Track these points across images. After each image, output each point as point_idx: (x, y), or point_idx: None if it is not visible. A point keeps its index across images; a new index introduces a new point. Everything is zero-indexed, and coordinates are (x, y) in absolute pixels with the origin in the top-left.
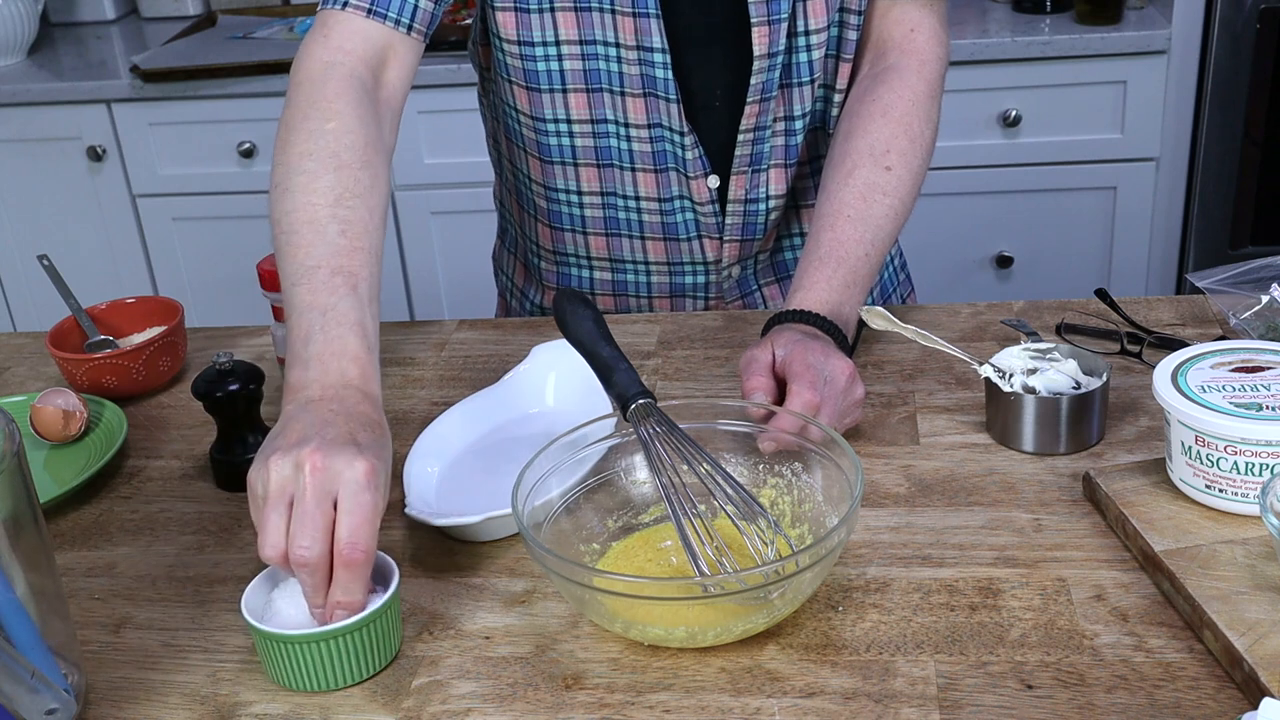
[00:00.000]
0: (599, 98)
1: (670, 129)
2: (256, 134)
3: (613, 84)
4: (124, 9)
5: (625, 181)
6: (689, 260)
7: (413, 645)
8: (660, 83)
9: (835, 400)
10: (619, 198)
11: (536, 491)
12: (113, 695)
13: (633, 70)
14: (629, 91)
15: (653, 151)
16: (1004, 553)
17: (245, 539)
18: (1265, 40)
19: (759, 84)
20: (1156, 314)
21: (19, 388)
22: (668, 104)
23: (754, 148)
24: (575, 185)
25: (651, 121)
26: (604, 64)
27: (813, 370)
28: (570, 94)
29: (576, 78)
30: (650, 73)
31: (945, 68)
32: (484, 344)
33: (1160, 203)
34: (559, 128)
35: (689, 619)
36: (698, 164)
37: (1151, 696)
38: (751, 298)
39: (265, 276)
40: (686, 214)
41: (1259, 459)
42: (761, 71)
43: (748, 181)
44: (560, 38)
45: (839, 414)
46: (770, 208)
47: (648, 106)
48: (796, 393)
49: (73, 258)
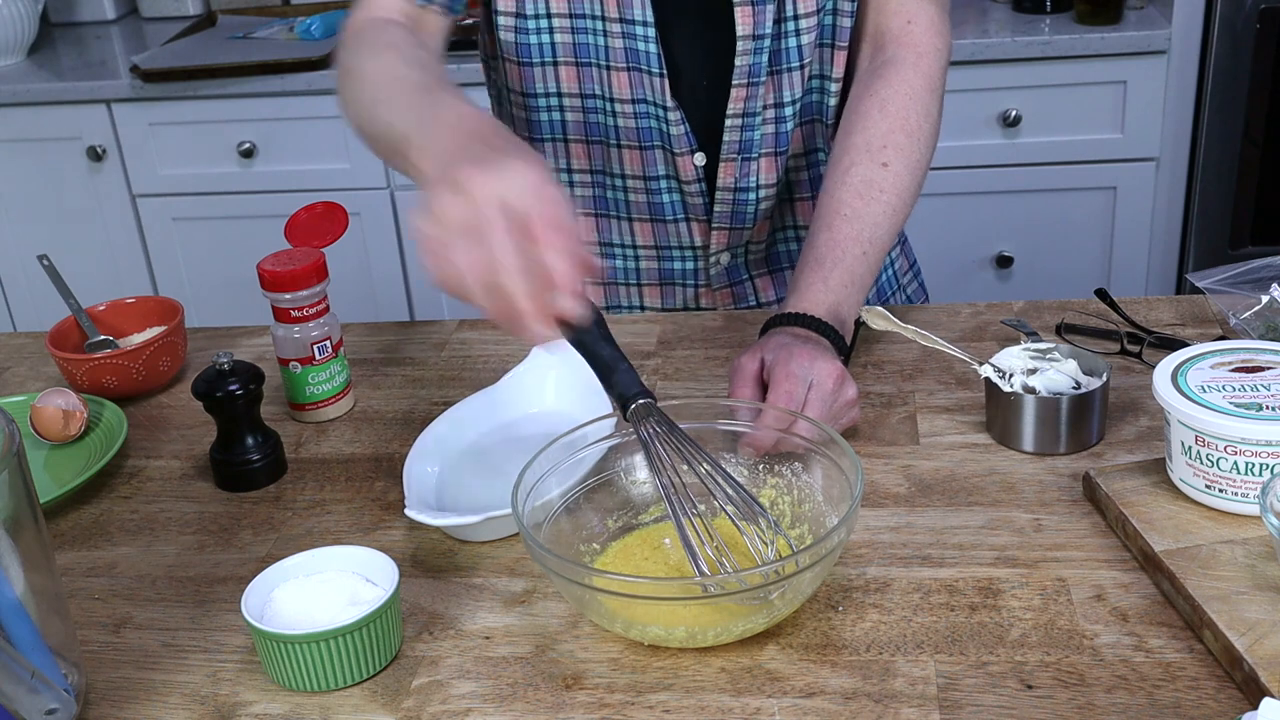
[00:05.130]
0: (588, 72)
1: (655, 103)
2: (256, 134)
3: (600, 58)
4: (124, 9)
5: (613, 159)
6: (676, 244)
7: (413, 645)
8: (644, 56)
9: (822, 404)
10: (607, 175)
11: (536, 491)
12: (113, 695)
13: (617, 44)
14: (614, 65)
15: (638, 127)
16: (1004, 553)
17: (245, 539)
18: (1265, 40)
19: (744, 66)
20: (1156, 314)
21: (19, 388)
22: (652, 78)
23: (743, 134)
24: (565, 163)
25: (636, 96)
26: (591, 37)
27: (794, 378)
28: (561, 67)
29: (566, 50)
30: (634, 45)
31: (946, 60)
32: (484, 344)
33: (1160, 203)
34: (549, 102)
35: (689, 619)
36: (683, 140)
37: (1151, 696)
38: (742, 288)
39: (265, 276)
40: (673, 194)
41: (1259, 459)
42: (747, 54)
43: (737, 169)
44: (551, 10)
45: (830, 417)
46: (761, 197)
47: (632, 80)
48: (772, 402)
49: (73, 258)
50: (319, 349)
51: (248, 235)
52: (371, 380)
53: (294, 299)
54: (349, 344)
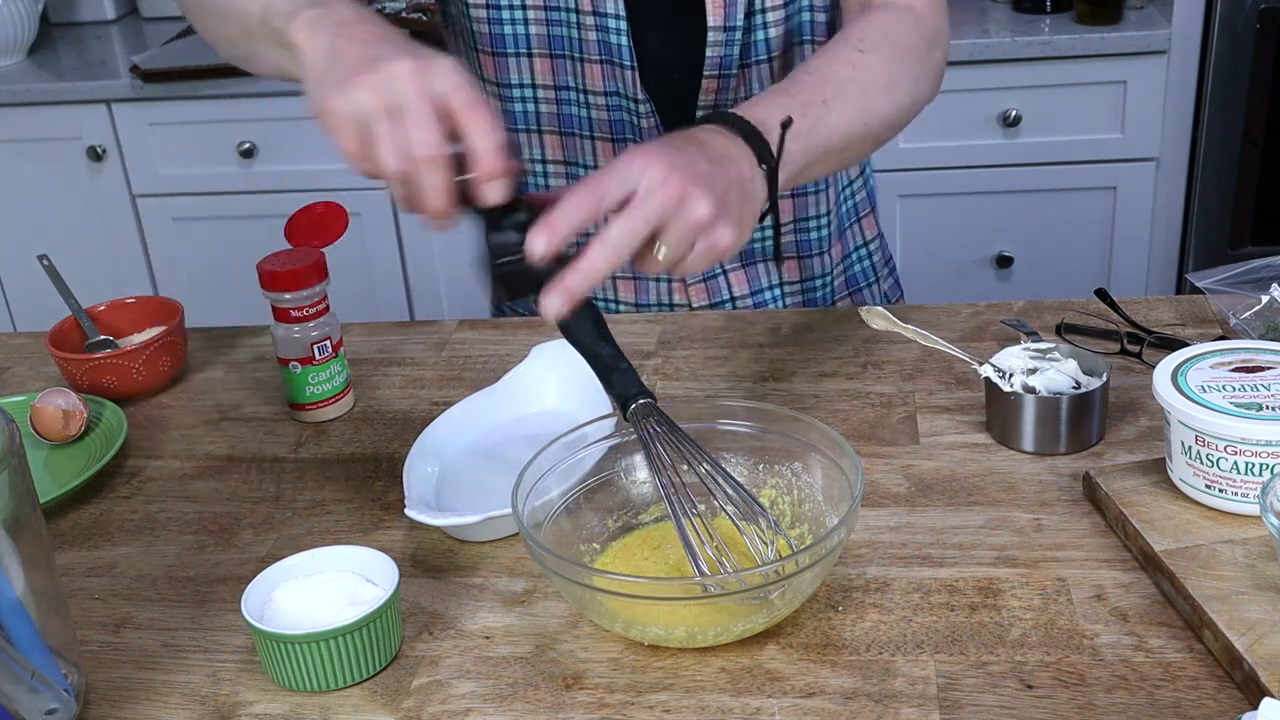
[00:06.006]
0: (561, 64)
1: (627, 96)
2: (256, 134)
3: (573, 50)
4: (124, 9)
5: (585, 150)
6: None
7: (413, 645)
8: (616, 49)
9: (638, 213)
10: (580, 168)
11: (536, 491)
12: (113, 695)
13: (590, 35)
14: (587, 57)
15: (610, 120)
16: (1004, 552)
17: (245, 539)
18: (1265, 40)
19: (715, 58)
20: (1156, 314)
21: (19, 388)
22: (624, 70)
23: None
24: (540, 154)
25: (609, 89)
26: (565, 30)
27: (610, 172)
28: (535, 58)
29: (541, 42)
30: (606, 38)
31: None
32: (484, 344)
33: (1160, 203)
34: (524, 93)
35: (689, 619)
36: (654, 133)
37: (1151, 696)
38: (715, 282)
39: (265, 276)
40: None
41: (1259, 459)
42: (718, 45)
43: None
44: (526, 1)
45: (673, 242)
46: None
47: (604, 73)
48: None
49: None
50: (319, 349)
51: (248, 235)
52: (371, 380)
53: (294, 299)
54: (349, 344)
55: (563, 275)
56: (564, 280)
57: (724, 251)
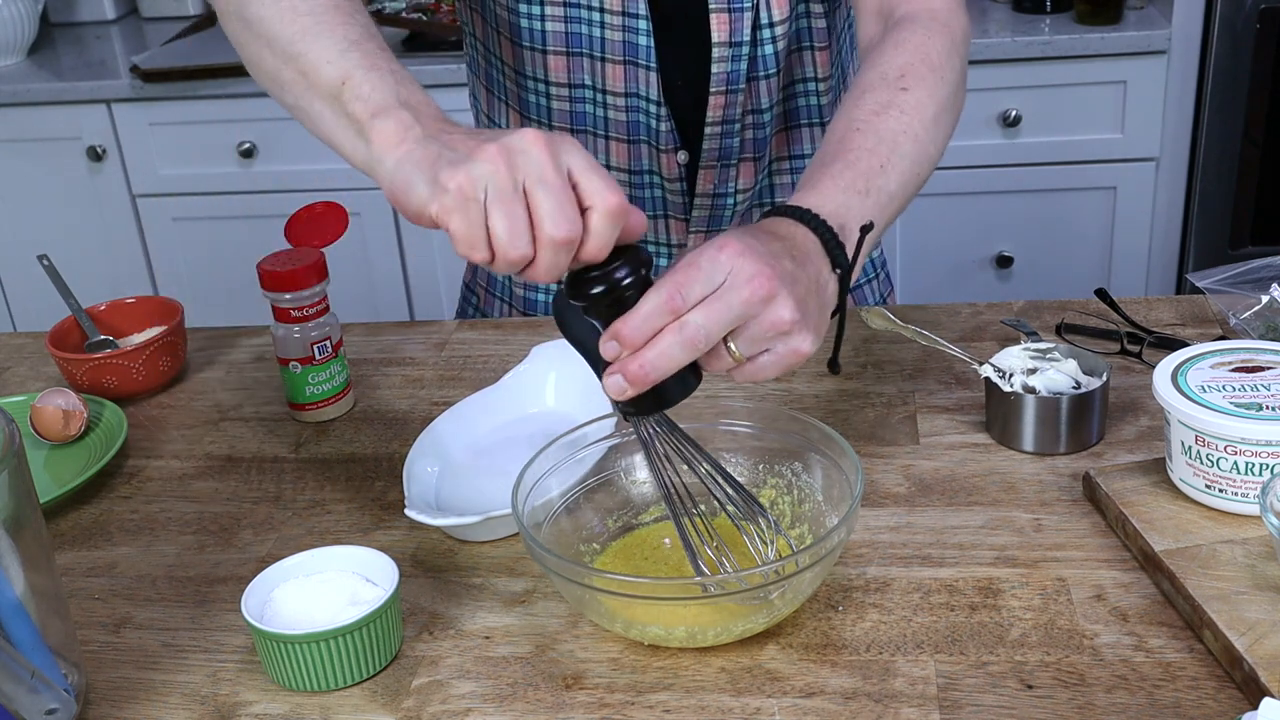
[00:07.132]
0: (578, 62)
1: (646, 98)
2: (256, 134)
3: (593, 49)
4: (124, 9)
5: (599, 150)
6: (652, 240)
7: (413, 645)
8: (642, 50)
9: (723, 310)
10: None
11: (536, 491)
12: (113, 695)
13: (615, 36)
14: (609, 58)
15: (627, 121)
16: (1004, 552)
17: (245, 539)
18: (1265, 40)
19: (721, 74)
20: (1156, 314)
21: (19, 388)
22: (647, 72)
23: (723, 141)
24: None
25: (629, 90)
26: (585, 28)
27: (692, 268)
28: (550, 56)
29: (558, 40)
30: (634, 40)
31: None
32: (484, 344)
33: (1160, 203)
34: (537, 86)
35: (689, 619)
36: (669, 137)
37: (1151, 696)
38: None
39: (265, 276)
40: (655, 190)
41: (1259, 459)
42: (724, 60)
43: (716, 176)
44: None
45: (747, 341)
46: (738, 201)
47: (626, 74)
48: (650, 295)
49: (73, 258)
50: (319, 349)
51: (248, 235)
52: (371, 380)
53: (294, 299)
54: (349, 344)
55: (631, 361)
56: (630, 367)
57: (802, 359)
